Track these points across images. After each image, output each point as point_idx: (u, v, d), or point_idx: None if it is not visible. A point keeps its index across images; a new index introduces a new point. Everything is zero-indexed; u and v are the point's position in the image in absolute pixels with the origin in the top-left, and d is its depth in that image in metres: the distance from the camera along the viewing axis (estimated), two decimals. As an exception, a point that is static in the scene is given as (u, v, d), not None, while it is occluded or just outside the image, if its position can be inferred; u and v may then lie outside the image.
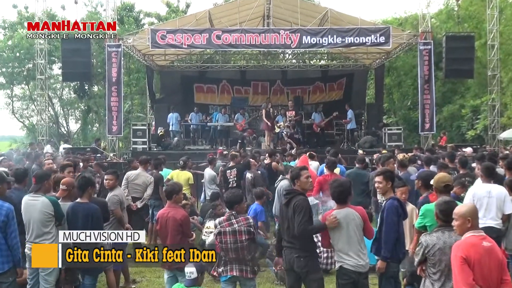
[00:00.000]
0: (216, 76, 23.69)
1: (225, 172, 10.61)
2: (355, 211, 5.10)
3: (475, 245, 3.86)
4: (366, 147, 17.48)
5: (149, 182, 9.13)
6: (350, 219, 5.02)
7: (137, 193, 9.04)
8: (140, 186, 9.07)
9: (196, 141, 20.47)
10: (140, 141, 18.03)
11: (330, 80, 23.82)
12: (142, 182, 9.08)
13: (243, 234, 5.34)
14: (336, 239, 5.06)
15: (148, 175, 9.31)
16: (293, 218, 5.14)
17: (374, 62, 23.08)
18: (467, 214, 3.99)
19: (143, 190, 9.08)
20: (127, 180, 9.03)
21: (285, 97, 23.41)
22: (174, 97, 22.95)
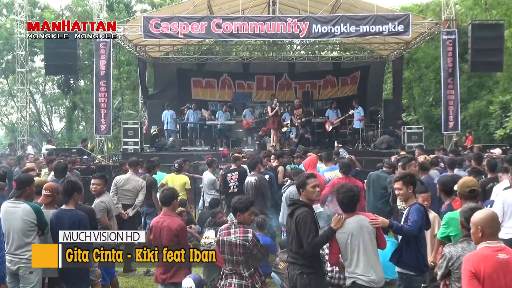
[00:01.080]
0: (216, 69, 23.71)
1: (225, 175, 10.62)
2: (366, 217, 5.12)
3: (487, 258, 3.80)
4: (383, 148, 17.48)
5: (141, 186, 9.09)
6: (363, 226, 5.04)
7: (128, 199, 9.00)
8: (130, 192, 9.03)
9: (193, 142, 20.50)
10: (131, 142, 18.07)
11: (342, 73, 23.82)
12: (132, 187, 9.04)
13: (238, 247, 5.28)
14: (347, 251, 5.05)
15: (139, 179, 9.28)
16: (296, 233, 5.17)
17: (392, 54, 23.05)
18: (478, 222, 3.95)
19: (134, 196, 9.03)
20: (116, 185, 8.98)
21: (293, 92, 23.44)
22: (169, 92, 23.01)
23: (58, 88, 32.16)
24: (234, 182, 10.40)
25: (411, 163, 8.27)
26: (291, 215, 5.32)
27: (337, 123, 19.15)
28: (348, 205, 5.09)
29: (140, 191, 9.05)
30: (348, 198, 5.07)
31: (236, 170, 10.50)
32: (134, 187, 9.03)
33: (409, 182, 5.55)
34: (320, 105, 23.51)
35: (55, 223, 5.73)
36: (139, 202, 9.05)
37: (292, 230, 5.24)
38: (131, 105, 33.14)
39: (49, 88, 34.84)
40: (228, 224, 5.48)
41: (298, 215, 5.19)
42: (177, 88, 23.39)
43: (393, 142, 17.86)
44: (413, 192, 5.60)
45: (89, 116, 30.83)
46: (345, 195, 5.07)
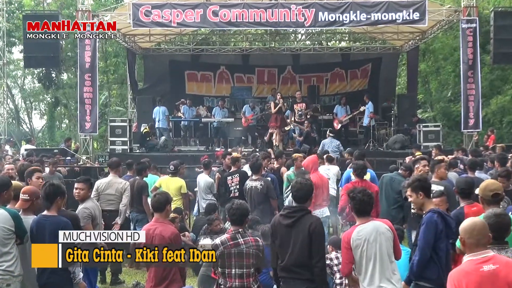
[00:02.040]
0: (212, 61, 23.71)
1: (225, 178, 10.59)
2: (383, 223, 5.10)
3: (469, 273, 3.79)
4: (396, 148, 17.47)
5: (124, 189, 8.99)
6: (379, 233, 5.03)
7: (112, 205, 8.91)
8: (113, 196, 8.96)
9: (187, 141, 20.49)
10: (119, 141, 18.08)
11: (352, 66, 23.82)
12: (115, 190, 8.97)
13: (251, 257, 5.31)
14: (362, 259, 5.04)
15: (121, 180, 9.20)
16: (308, 243, 5.15)
17: (406, 44, 23.03)
18: (461, 232, 3.97)
19: (118, 200, 8.94)
20: (97, 190, 8.88)
21: (297, 86, 23.41)
22: (161, 87, 23.00)
23: (38, 82, 32.14)
24: (235, 186, 10.37)
25: (440, 165, 8.17)
26: (293, 225, 5.28)
27: (346, 120, 19.14)
28: (362, 209, 5.10)
29: (123, 193, 8.99)
30: (361, 201, 5.07)
31: (236, 173, 10.48)
32: (117, 190, 8.96)
33: (418, 188, 5.50)
34: (327, 101, 23.48)
35: (36, 231, 5.72)
36: (123, 207, 8.95)
37: (298, 242, 5.20)
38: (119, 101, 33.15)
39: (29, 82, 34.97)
40: (230, 235, 5.42)
41: (313, 225, 5.19)
42: (169, 82, 23.38)
43: (407, 141, 17.84)
44: (426, 198, 5.56)
45: (72, 113, 30.83)
46: (358, 199, 5.08)
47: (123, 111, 30.01)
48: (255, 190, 9.44)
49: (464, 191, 6.17)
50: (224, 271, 5.33)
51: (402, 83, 28.69)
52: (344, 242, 5.17)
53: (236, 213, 5.41)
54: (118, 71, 30.23)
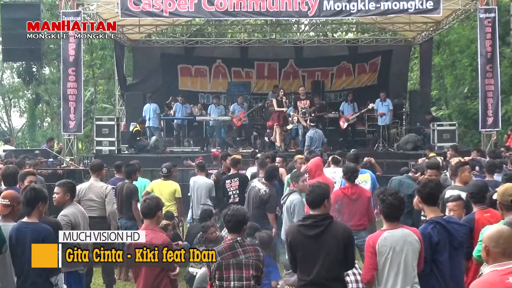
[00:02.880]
0: (207, 55, 23.72)
1: (223, 182, 10.58)
2: (412, 232, 5.13)
3: (494, 285, 3.75)
4: (408, 149, 17.48)
5: (106, 193, 8.87)
6: (408, 242, 5.07)
7: (94, 211, 8.76)
8: (95, 202, 8.83)
9: (181, 141, 20.49)
10: (106, 141, 18.07)
11: (360, 59, 23.86)
12: (96, 195, 8.86)
13: (251, 268, 5.31)
14: (385, 268, 5.08)
15: (102, 184, 9.10)
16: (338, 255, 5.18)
17: (419, 36, 23.04)
18: (484, 240, 3.96)
19: (101, 206, 8.82)
20: (78, 196, 8.76)
21: (300, 81, 23.43)
22: (151, 82, 23.00)
23: (18, 77, 32.14)
24: (234, 190, 10.37)
25: (464, 168, 8.14)
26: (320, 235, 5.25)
27: (354, 119, 19.14)
28: (391, 214, 5.13)
29: (106, 198, 8.86)
30: (391, 205, 5.10)
31: (236, 176, 10.47)
32: (98, 195, 8.86)
33: (416, 191, 5.56)
34: (332, 97, 23.49)
35: (15, 239, 5.73)
36: (113, 212, 8.79)
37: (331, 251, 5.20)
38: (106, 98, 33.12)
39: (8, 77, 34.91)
40: (227, 244, 5.42)
41: (346, 232, 5.24)
42: (161, 77, 23.38)
43: (420, 141, 17.85)
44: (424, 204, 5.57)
45: (55, 111, 30.84)
46: (388, 202, 5.11)
47: (111, 109, 29.99)
48: (255, 192, 9.45)
49: (475, 195, 6.21)
50: (222, 284, 5.32)
51: (415, 78, 28.73)
52: (369, 246, 5.18)
53: (232, 219, 5.40)
54: (105, 65, 30.21)
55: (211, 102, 21.00)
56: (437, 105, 30.11)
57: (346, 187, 8.69)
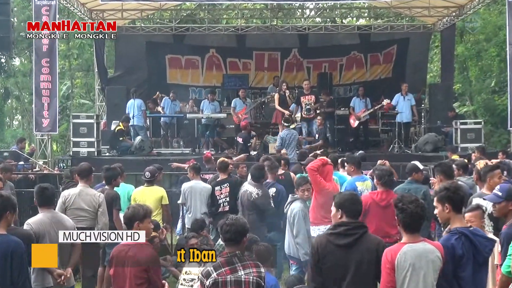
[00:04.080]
0: (200, 43, 23.73)
1: (212, 189, 10.57)
2: (435, 248, 5.12)
3: None
4: (428, 151, 17.45)
5: (99, 202, 8.92)
6: (429, 260, 5.05)
7: (83, 221, 8.76)
8: (85, 212, 8.83)
9: (169, 142, 20.46)
10: (84, 142, 18.04)
11: (373, 49, 23.88)
12: (87, 204, 8.86)
13: (251, 286, 5.30)
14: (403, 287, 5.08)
15: (95, 192, 9.12)
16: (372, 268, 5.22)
17: (440, 22, 23.04)
18: None
19: (92, 216, 8.83)
20: (65, 204, 8.83)
21: (305, 74, 23.45)
22: (136, 75, 22.99)
23: (-16, 69, 32.18)
24: (224, 198, 10.36)
25: (494, 173, 8.05)
26: (355, 243, 5.29)
27: (366, 116, 19.07)
28: (413, 224, 5.13)
29: (99, 208, 8.86)
30: (413, 214, 5.09)
31: (225, 182, 10.46)
32: (90, 204, 8.86)
33: (445, 198, 5.50)
34: (342, 92, 23.50)
35: (-20, 252, 5.72)
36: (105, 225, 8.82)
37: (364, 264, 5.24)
38: (84, 93, 33.13)
39: (-28, 69, 34.84)
40: (225, 259, 5.39)
41: (381, 246, 5.27)
42: (146, 69, 23.36)
43: (441, 142, 17.84)
44: (454, 213, 5.55)
45: (26, 108, 30.82)
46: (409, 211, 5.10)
47: (89, 105, 29.99)
48: (247, 196, 9.48)
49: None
50: None
51: (435, 70, 28.74)
52: (387, 262, 5.14)
53: (231, 230, 5.34)
54: (82, 56, 30.19)
55: (203, 97, 20.97)
56: (461, 100, 30.09)
57: (376, 192, 8.61)
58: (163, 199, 10.39)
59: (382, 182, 8.59)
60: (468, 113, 27.55)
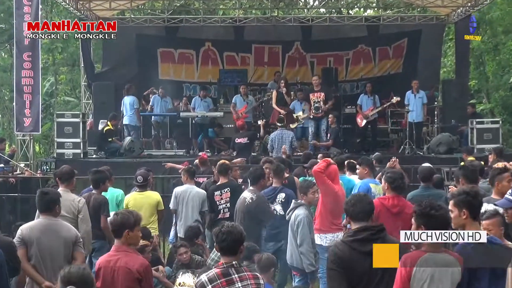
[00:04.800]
0: (194, 36, 23.74)
1: (211, 194, 10.55)
2: (456, 260, 5.11)
3: None
4: (441, 152, 17.44)
5: (79, 208, 8.86)
6: (449, 272, 5.05)
7: None
8: (64, 219, 8.71)
9: (161, 143, 20.44)
10: (69, 143, 18.01)
11: (382, 42, 23.89)
12: (66, 210, 8.74)
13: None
14: None
15: (75, 196, 9.03)
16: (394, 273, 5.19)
17: (454, 13, 23.03)
18: None
19: (72, 223, 8.76)
20: None
21: (308, 69, 23.46)
22: (125, 70, 22.96)
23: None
24: (224, 204, 10.34)
25: (503, 177, 8.06)
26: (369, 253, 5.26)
27: (374, 115, 19.08)
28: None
29: (79, 215, 8.82)
30: (444, 220, 5.12)
31: (226, 186, 10.44)
32: (70, 210, 8.80)
33: (463, 203, 5.50)
34: (348, 89, 23.51)
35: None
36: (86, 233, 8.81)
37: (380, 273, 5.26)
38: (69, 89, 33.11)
39: None
40: (220, 270, 5.38)
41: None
42: (136, 64, 23.31)
43: (456, 143, 17.80)
44: (471, 219, 5.55)
45: (7, 106, 30.76)
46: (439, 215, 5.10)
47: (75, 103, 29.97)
48: (241, 202, 9.52)
49: None
50: None
51: (449, 64, 28.72)
52: (404, 269, 5.12)
53: (227, 239, 5.34)
54: (67, 49, 30.14)
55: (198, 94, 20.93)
56: (477, 97, 30.07)
57: (386, 197, 8.48)
58: (158, 205, 10.40)
59: (393, 187, 8.38)
60: (485, 112, 27.53)
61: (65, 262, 6.86)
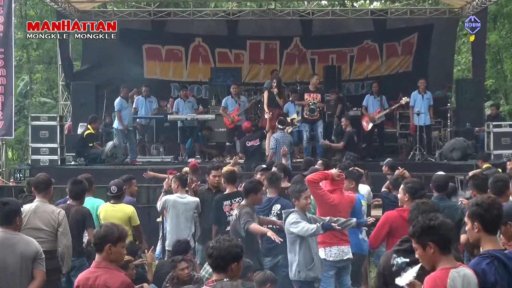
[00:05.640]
0: (183, 31, 23.80)
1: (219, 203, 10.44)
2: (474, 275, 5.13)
3: None
4: (455, 159, 17.44)
5: (59, 220, 8.77)
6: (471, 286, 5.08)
7: (41, 244, 8.71)
8: (43, 232, 8.69)
9: (147, 148, 20.41)
10: (45, 148, 18.01)
11: (389, 37, 23.93)
12: (44, 223, 8.71)
13: None
14: None
15: (53, 208, 8.94)
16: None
17: (469, 6, 23.06)
18: None
19: (51, 237, 8.80)
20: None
21: (309, 67, 23.50)
22: (107, 68, 22.95)
23: None
24: None
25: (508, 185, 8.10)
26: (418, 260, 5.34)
27: (381, 117, 19.06)
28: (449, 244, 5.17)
29: (59, 228, 8.77)
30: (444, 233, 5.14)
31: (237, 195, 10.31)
32: (48, 223, 8.76)
33: (474, 215, 5.49)
34: (352, 89, 23.55)
35: None
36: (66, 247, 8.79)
37: None
38: (45, 90, 33.06)
39: None
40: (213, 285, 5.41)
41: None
42: (119, 61, 23.28)
43: (471, 148, 17.81)
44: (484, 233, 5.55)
45: (-24, 107, 30.78)
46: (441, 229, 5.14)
47: (52, 104, 29.95)
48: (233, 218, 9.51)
49: None
50: None
51: (463, 62, 28.81)
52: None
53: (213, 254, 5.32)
54: (43, 45, 30.16)
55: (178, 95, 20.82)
56: (494, 98, 30.12)
57: (405, 209, 8.43)
58: (132, 220, 10.29)
59: (415, 198, 8.20)
60: (503, 114, 27.52)
61: (22, 281, 6.87)
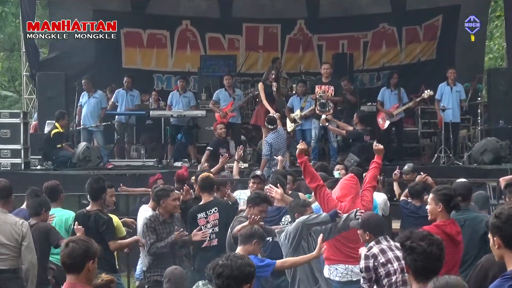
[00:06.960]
0: (168, 13, 23.89)
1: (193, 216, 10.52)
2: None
3: None
4: (486, 162, 17.46)
5: (23, 234, 8.83)
6: None
7: (3, 261, 8.70)
8: (4, 248, 8.69)
9: (126, 150, 20.43)
10: (6, 150, 18.04)
11: (410, 20, 23.96)
12: (7, 237, 8.74)
13: None
14: None
15: (15, 219, 9.02)
16: None
17: (503, -18, 23.15)
18: None
19: (14, 253, 8.85)
20: None
21: (315, 55, 23.57)
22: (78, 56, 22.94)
23: None
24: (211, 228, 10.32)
25: None
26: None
27: (400, 114, 19.06)
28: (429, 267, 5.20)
29: (23, 242, 8.85)
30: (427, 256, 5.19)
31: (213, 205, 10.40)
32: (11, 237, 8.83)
33: (494, 229, 5.48)
34: (366, 80, 23.61)
35: None
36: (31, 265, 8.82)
37: None
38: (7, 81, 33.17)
39: None
40: None
41: None
42: (93, 48, 23.25)
43: (505, 150, 17.84)
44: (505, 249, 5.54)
45: None
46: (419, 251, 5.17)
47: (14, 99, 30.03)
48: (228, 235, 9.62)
49: None
50: None
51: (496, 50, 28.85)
52: None
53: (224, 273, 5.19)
54: (4, 29, 30.25)
55: (173, 88, 20.91)
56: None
57: (445, 222, 8.30)
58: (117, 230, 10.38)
59: (451, 207, 8.20)
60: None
61: None
